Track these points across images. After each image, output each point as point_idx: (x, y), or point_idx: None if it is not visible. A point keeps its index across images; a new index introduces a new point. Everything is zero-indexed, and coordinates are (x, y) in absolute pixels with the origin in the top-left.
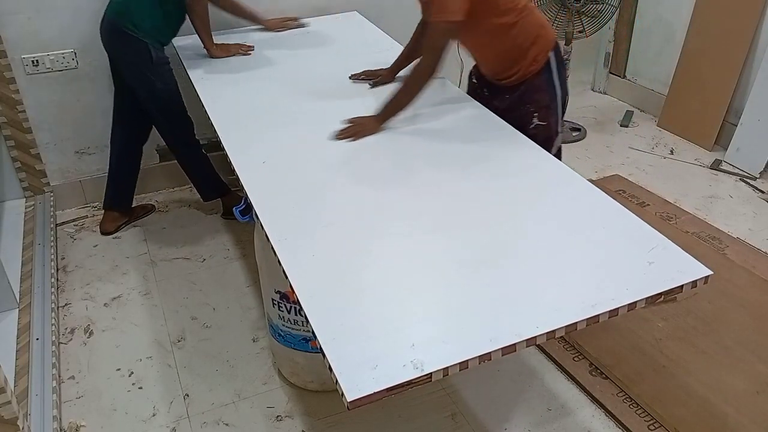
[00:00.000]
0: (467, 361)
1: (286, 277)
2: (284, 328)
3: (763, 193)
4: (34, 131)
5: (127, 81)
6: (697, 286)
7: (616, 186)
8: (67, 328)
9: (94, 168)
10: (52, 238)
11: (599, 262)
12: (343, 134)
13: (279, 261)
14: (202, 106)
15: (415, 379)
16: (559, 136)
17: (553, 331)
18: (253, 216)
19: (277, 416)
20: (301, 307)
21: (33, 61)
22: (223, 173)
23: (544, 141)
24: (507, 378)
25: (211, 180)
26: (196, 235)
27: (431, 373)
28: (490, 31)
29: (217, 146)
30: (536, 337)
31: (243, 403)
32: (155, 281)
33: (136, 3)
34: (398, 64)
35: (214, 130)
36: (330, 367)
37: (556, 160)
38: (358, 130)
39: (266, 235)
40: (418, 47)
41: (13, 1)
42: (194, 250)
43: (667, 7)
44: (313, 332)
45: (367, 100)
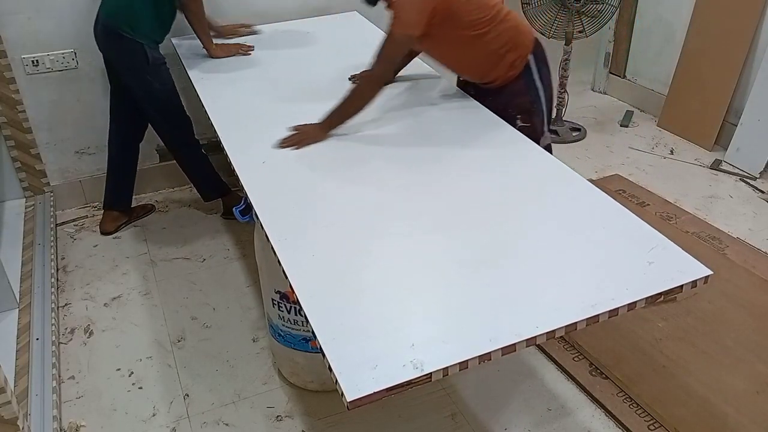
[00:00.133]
0: (467, 361)
1: (286, 277)
2: (284, 328)
3: (763, 193)
4: (34, 131)
5: (124, 82)
6: (697, 286)
7: (616, 186)
8: (67, 328)
9: (94, 168)
10: (52, 238)
11: (599, 262)
12: (287, 142)
13: (279, 261)
14: (202, 106)
15: (415, 379)
16: (545, 134)
17: (553, 331)
18: (253, 216)
19: (277, 416)
20: (301, 307)
21: (33, 61)
22: (223, 173)
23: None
24: (507, 378)
25: (211, 180)
26: (196, 235)
27: (431, 373)
28: (460, 42)
29: (217, 146)
30: (536, 337)
31: (243, 403)
32: (155, 281)
33: (130, 5)
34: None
35: (214, 130)
36: (330, 367)
37: (556, 160)
38: (301, 138)
39: (266, 235)
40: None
41: (13, 1)
42: (194, 250)
43: (667, 7)
44: (313, 332)
45: None
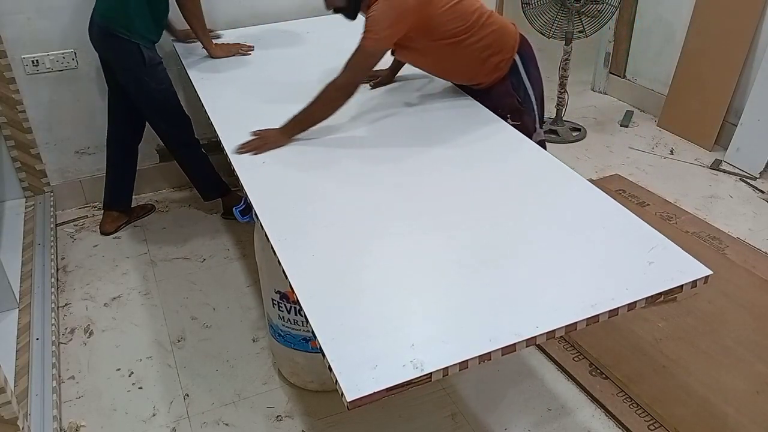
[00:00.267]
0: (467, 361)
1: (286, 277)
2: (284, 328)
3: (763, 193)
4: (34, 131)
5: (121, 83)
6: (697, 286)
7: (616, 186)
8: (67, 328)
9: (94, 168)
10: (52, 238)
11: (599, 262)
12: (246, 147)
13: (279, 261)
14: (202, 106)
15: (415, 379)
16: (537, 131)
17: (553, 331)
18: (253, 216)
19: (277, 416)
20: (301, 307)
21: (33, 61)
22: (223, 173)
23: None
24: (507, 378)
25: (211, 180)
26: (196, 235)
27: (431, 373)
28: (440, 52)
29: (217, 146)
30: (536, 337)
31: (243, 403)
32: (155, 281)
33: (125, 5)
34: (397, 65)
35: (214, 130)
36: (330, 367)
37: (556, 160)
38: (262, 143)
39: (266, 235)
40: None
41: (13, 1)
42: (194, 250)
43: (667, 7)
44: (312, 332)
45: (367, 100)
